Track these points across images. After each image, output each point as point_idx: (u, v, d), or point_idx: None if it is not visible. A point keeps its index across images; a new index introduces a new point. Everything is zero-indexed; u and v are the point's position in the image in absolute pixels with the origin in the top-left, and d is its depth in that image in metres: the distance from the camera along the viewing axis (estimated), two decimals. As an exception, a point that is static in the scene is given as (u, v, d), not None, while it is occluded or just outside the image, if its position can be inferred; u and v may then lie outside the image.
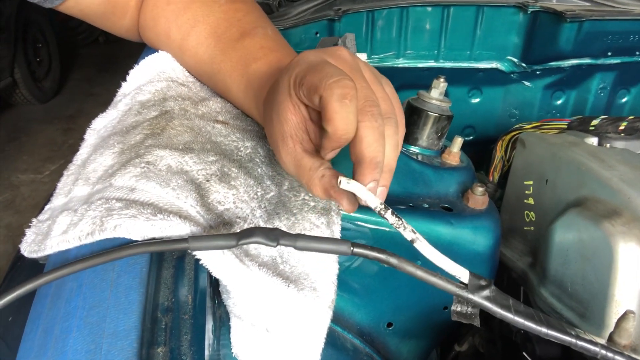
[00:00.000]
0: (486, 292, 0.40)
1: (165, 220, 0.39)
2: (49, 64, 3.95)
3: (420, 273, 0.40)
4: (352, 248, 0.39)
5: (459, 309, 0.64)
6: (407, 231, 0.40)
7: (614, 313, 0.53)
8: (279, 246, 0.46)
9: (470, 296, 0.39)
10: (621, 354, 0.38)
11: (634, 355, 0.40)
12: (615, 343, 0.44)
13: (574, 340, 0.38)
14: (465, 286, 0.40)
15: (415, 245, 0.40)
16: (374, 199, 0.40)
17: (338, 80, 0.37)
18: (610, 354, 0.38)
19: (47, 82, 3.93)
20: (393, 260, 0.40)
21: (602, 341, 0.42)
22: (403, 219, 0.40)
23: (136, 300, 0.36)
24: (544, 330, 0.38)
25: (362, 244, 0.40)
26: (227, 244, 0.37)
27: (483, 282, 0.40)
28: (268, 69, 0.53)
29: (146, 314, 0.36)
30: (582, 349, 0.38)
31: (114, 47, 4.66)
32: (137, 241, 0.39)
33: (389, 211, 0.40)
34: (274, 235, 0.38)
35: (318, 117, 0.43)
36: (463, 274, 0.40)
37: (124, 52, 4.42)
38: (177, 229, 0.39)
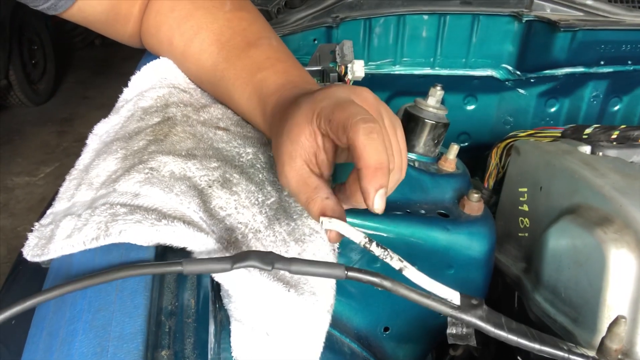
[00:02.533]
0: (478, 312, 0.41)
1: (170, 226, 0.40)
2: (44, 66, 3.94)
3: (413, 295, 0.41)
4: (346, 272, 0.40)
5: (454, 331, 0.66)
6: (394, 260, 0.42)
7: (606, 318, 0.54)
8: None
9: (463, 316, 0.40)
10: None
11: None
12: (607, 347, 0.45)
13: (566, 355, 0.40)
14: (457, 307, 0.41)
15: (404, 273, 0.41)
16: (358, 235, 0.42)
17: (364, 119, 0.40)
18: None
19: (42, 84, 3.92)
20: (387, 284, 0.40)
21: (592, 354, 0.43)
22: (389, 249, 0.42)
23: (141, 304, 0.37)
24: (537, 346, 0.40)
25: (356, 267, 0.41)
26: (221, 267, 0.38)
27: (474, 302, 0.41)
28: (276, 78, 0.54)
29: (151, 318, 0.37)
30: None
31: (110, 50, 4.65)
32: (136, 261, 0.39)
33: (374, 243, 0.41)
34: (269, 259, 0.39)
35: (331, 148, 0.45)
36: (454, 296, 0.41)
37: (120, 55, 4.42)
38: (181, 234, 0.40)
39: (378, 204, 0.39)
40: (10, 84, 3.45)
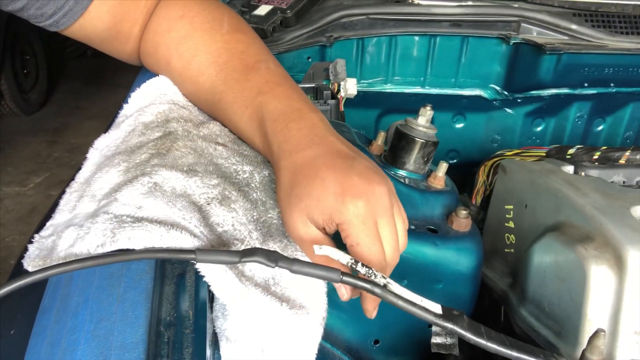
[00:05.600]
0: (459, 321, 0.43)
1: (177, 237, 0.41)
2: (36, 76, 3.94)
3: (401, 303, 0.43)
4: (341, 277, 0.43)
5: (438, 340, 0.68)
6: (378, 278, 0.45)
7: (587, 331, 0.56)
8: (272, 268, 0.49)
9: (446, 323, 0.43)
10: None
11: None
12: (588, 359, 0.47)
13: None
14: (440, 315, 0.43)
15: (389, 288, 0.44)
16: (345, 257, 0.45)
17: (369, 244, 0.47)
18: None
19: (34, 94, 3.91)
20: (377, 291, 0.43)
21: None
22: (373, 269, 0.45)
23: (142, 314, 0.39)
24: (514, 354, 0.42)
25: (350, 274, 0.43)
26: (230, 259, 0.40)
27: (455, 313, 0.44)
28: (277, 103, 0.55)
29: (151, 328, 0.38)
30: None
31: (101, 61, 4.63)
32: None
33: (359, 264, 0.45)
34: (274, 257, 0.41)
35: None
36: (436, 308, 0.44)
37: (111, 66, 4.40)
38: (187, 245, 0.41)
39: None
40: (1, 93, 3.44)
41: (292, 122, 0.53)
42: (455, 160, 1.27)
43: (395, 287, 0.44)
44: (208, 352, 0.47)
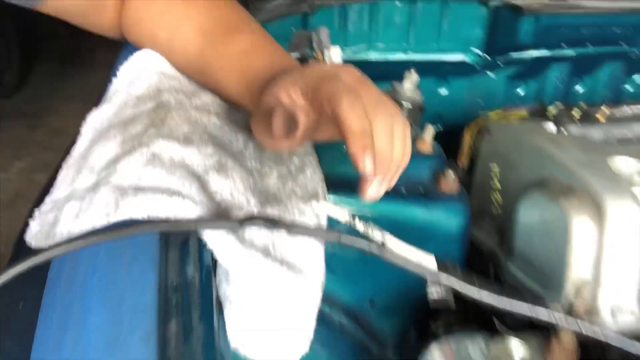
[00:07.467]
0: (452, 272, 0.46)
1: (180, 204, 0.42)
2: (8, 57, 3.83)
3: (398, 262, 0.46)
4: (340, 238, 0.45)
5: (435, 296, 0.71)
6: (376, 232, 0.48)
7: (572, 281, 0.59)
8: (270, 234, 0.51)
9: (439, 276, 0.45)
10: (571, 318, 0.45)
11: (584, 322, 0.46)
12: (574, 308, 0.50)
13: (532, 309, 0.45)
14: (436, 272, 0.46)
15: (386, 243, 0.47)
16: (343, 213, 0.48)
17: (348, 90, 0.44)
18: (564, 320, 0.45)
19: (8, 75, 3.80)
20: (374, 250, 0.46)
21: (559, 309, 0.48)
22: (370, 223, 0.47)
23: (151, 279, 0.40)
24: (505, 303, 0.45)
25: (347, 235, 0.46)
26: (231, 225, 0.42)
27: (449, 265, 0.47)
28: (262, 62, 0.57)
29: (160, 292, 0.40)
30: (539, 315, 0.45)
31: (76, 41, 4.53)
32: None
33: (356, 219, 0.48)
34: (273, 221, 0.43)
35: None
36: (430, 259, 0.47)
37: (87, 44, 4.29)
38: (191, 213, 0.43)
39: (368, 167, 0.43)
40: (-27, 76, 3.35)
41: (276, 74, 0.54)
42: (439, 126, 1.28)
43: (391, 239, 0.46)
44: (215, 313, 0.49)
